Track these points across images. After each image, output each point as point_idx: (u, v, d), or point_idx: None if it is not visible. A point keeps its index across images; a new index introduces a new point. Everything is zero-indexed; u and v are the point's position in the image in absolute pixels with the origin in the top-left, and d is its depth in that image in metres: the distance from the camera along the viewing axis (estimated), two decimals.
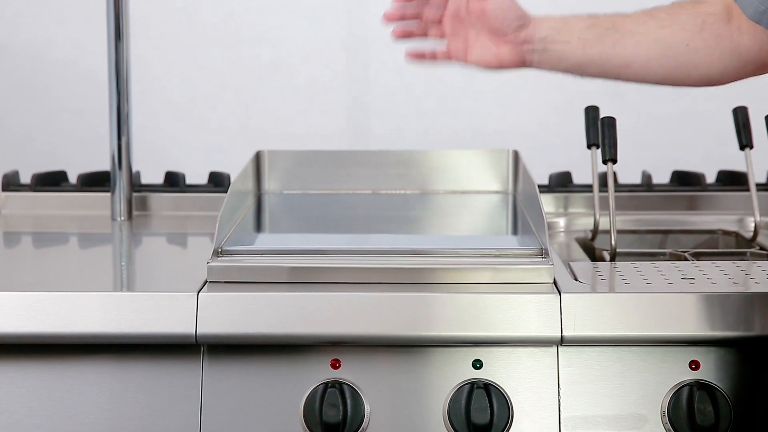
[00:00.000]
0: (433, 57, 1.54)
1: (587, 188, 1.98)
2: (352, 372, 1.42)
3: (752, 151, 1.83)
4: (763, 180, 2.05)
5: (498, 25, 1.48)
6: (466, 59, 1.51)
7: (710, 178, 2.10)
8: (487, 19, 1.48)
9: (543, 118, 2.27)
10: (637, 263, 1.61)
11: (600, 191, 1.79)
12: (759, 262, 1.65)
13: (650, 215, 1.99)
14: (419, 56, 1.55)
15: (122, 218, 1.97)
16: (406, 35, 1.54)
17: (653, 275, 1.52)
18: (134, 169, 2.02)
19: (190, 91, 2.57)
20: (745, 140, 1.83)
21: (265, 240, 1.74)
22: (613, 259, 1.71)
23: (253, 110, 2.57)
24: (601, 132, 1.78)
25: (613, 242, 1.71)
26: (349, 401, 1.40)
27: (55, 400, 1.42)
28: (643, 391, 1.42)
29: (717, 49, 1.43)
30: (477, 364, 1.42)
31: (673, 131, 2.47)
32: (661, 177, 2.11)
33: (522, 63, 1.50)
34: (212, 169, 2.14)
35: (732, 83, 1.45)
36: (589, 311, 1.40)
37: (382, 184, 1.99)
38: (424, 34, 1.54)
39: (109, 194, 1.98)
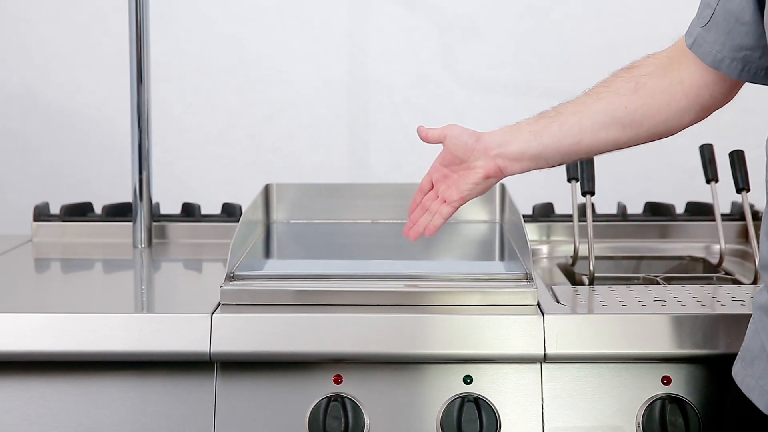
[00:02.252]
0: (433, 228, 1.55)
1: (568, 218, 1.98)
2: (353, 387, 1.42)
3: (717, 184, 1.83)
4: (727, 211, 2.05)
5: (460, 152, 1.51)
6: (463, 198, 1.53)
7: (679, 208, 2.10)
8: (452, 153, 1.52)
9: None
10: (614, 287, 1.61)
11: (579, 221, 1.80)
12: (724, 286, 1.64)
13: (625, 243, 1.99)
14: (417, 232, 1.56)
15: (143, 245, 1.97)
16: (415, 224, 1.56)
17: (628, 298, 1.52)
18: (154, 201, 2.02)
19: (205, 129, 2.58)
20: (710, 175, 1.83)
21: (274, 265, 1.74)
22: (591, 283, 1.71)
23: (262, 147, 2.57)
24: (580, 167, 1.79)
25: (591, 267, 1.71)
26: (350, 414, 1.40)
27: (81, 413, 1.42)
28: (620, 404, 1.41)
29: (654, 103, 1.43)
30: (467, 380, 1.42)
31: (646, 166, 2.48)
32: (635, 208, 2.11)
33: (498, 170, 1.50)
34: (225, 200, 2.14)
35: (699, 123, 1.46)
36: (570, 331, 1.40)
37: (380, 214, 1.99)
38: (425, 211, 1.56)
39: (131, 224, 1.98)
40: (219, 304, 1.45)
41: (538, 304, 1.45)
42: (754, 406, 1.25)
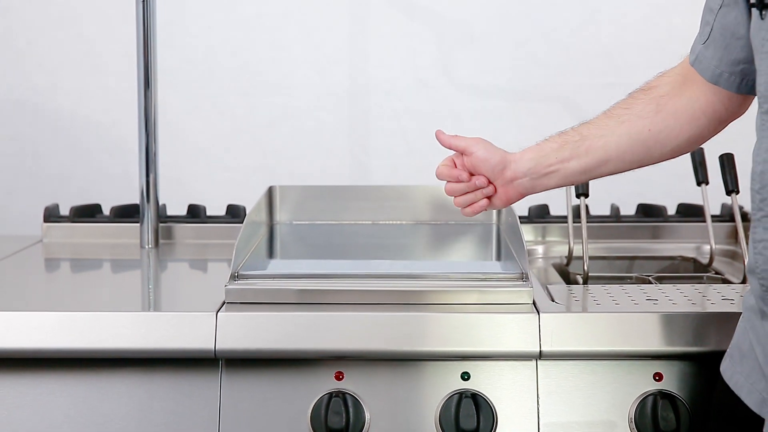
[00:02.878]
0: (482, 207, 1.51)
1: (563, 219, 1.98)
2: (354, 383, 1.42)
3: (707, 186, 1.83)
4: (717, 212, 2.05)
5: (489, 174, 1.48)
6: (494, 206, 1.51)
7: (671, 210, 2.10)
8: (483, 164, 1.48)
9: None
10: (607, 286, 1.61)
11: (574, 222, 1.80)
12: (714, 285, 1.65)
13: (618, 243, 1.99)
14: (474, 210, 1.52)
15: (150, 246, 1.97)
16: (462, 197, 1.52)
17: (621, 296, 1.52)
18: (160, 202, 2.02)
19: (211, 133, 2.58)
20: (701, 177, 1.83)
21: (277, 265, 1.74)
22: (585, 282, 1.71)
23: (266, 150, 2.57)
24: None
25: (585, 267, 1.71)
26: (351, 409, 1.40)
27: (90, 408, 1.42)
28: (613, 399, 1.41)
29: (677, 124, 1.42)
30: (465, 376, 1.42)
31: (638, 169, 2.47)
32: (628, 209, 2.11)
33: (520, 195, 1.49)
34: (230, 202, 2.14)
35: None
36: (564, 329, 1.40)
37: (380, 216, 1.99)
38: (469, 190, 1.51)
39: (138, 225, 1.98)
40: (224, 303, 1.45)
41: (534, 303, 1.45)
42: (741, 402, 1.25)
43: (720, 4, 1.35)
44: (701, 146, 1.82)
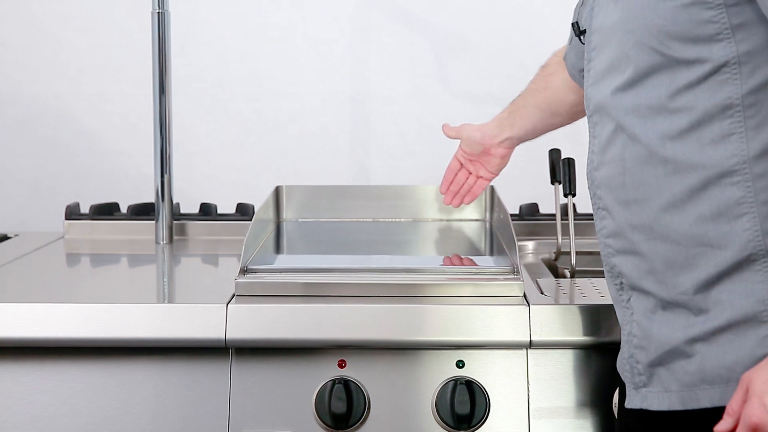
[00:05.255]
0: (473, 197, 1.87)
1: (551, 217, 1.98)
2: (356, 370, 1.41)
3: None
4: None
5: (476, 148, 1.78)
6: (495, 174, 1.82)
7: None
8: (470, 148, 1.80)
9: (515, 158, 2.27)
10: (593, 280, 1.61)
11: (562, 219, 1.79)
12: None
13: None
14: (460, 200, 1.88)
15: (164, 242, 1.96)
16: (455, 195, 1.87)
17: (606, 290, 1.51)
18: (174, 201, 2.02)
19: (221, 136, 2.57)
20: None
21: (284, 260, 1.74)
22: (573, 276, 1.70)
23: (273, 152, 2.57)
24: (562, 170, 1.78)
25: (573, 262, 1.71)
26: (353, 395, 1.40)
27: (109, 394, 1.41)
28: (599, 386, 1.41)
29: (558, 98, 1.65)
30: (460, 364, 1.41)
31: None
32: None
33: (505, 150, 1.79)
34: (239, 201, 2.14)
35: None
36: (553, 320, 1.40)
37: (380, 214, 1.99)
38: (460, 186, 1.85)
39: (153, 222, 1.98)
40: (233, 296, 1.45)
41: (524, 295, 1.45)
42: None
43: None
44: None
